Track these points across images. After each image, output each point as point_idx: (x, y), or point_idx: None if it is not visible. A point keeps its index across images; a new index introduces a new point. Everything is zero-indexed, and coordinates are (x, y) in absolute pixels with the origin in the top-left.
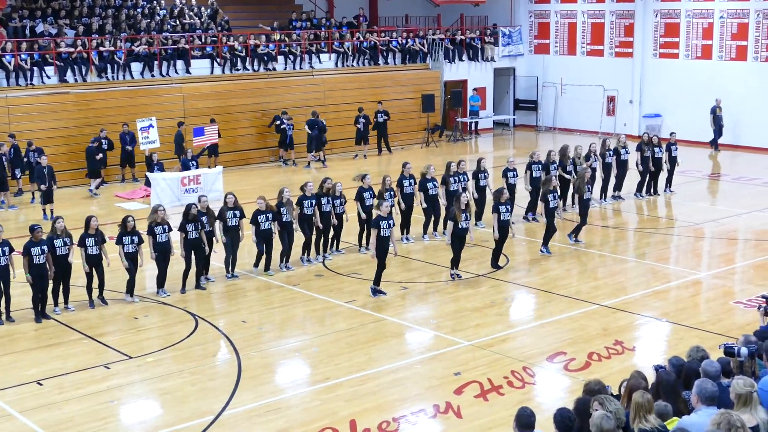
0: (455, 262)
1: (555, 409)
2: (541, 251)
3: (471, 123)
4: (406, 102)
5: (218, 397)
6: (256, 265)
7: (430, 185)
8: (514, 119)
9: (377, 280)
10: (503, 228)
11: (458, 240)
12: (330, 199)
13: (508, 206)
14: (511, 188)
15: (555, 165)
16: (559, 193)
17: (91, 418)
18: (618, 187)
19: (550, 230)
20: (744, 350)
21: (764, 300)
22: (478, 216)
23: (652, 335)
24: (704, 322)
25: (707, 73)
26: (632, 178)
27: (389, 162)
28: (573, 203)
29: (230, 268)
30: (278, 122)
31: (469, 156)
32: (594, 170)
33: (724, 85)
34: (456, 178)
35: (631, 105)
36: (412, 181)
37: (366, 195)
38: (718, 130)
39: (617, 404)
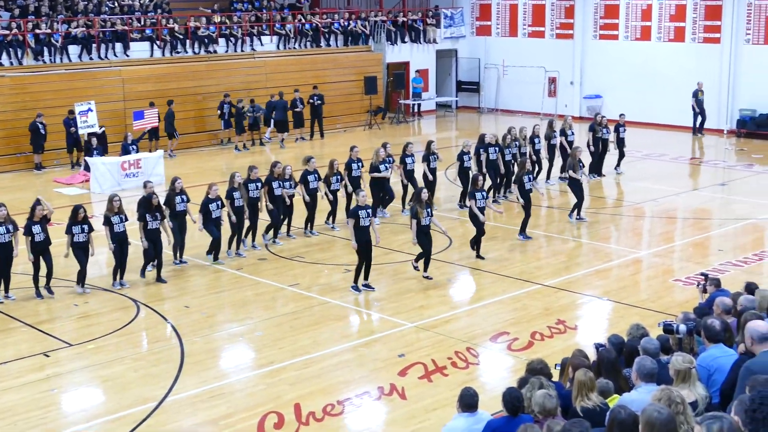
0: (422, 258)
1: (499, 389)
2: (520, 238)
3: (413, 105)
4: (349, 84)
5: (161, 383)
6: (210, 252)
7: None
8: (456, 101)
9: (357, 276)
10: (477, 216)
11: (425, 236)
12: (281, 182)
13: (484, 192)
14: (466, 171)
15: (496, 148)
16: (534, 176)
17: (32, 407)
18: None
19: (527, 215)
20: (683, 327)
21: (703, 278)
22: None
23: (593, 314)
24: (644, 300)
25: (646, 54)
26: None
27: (323, 146)
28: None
29: (178, 254)
30: (240, 108)
31: (413, 138)
32: (537, 153)
33: (663, 65)
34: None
35: (572, 86)
36: (360, 164)
37: (311, 178)
38: (701, 113)
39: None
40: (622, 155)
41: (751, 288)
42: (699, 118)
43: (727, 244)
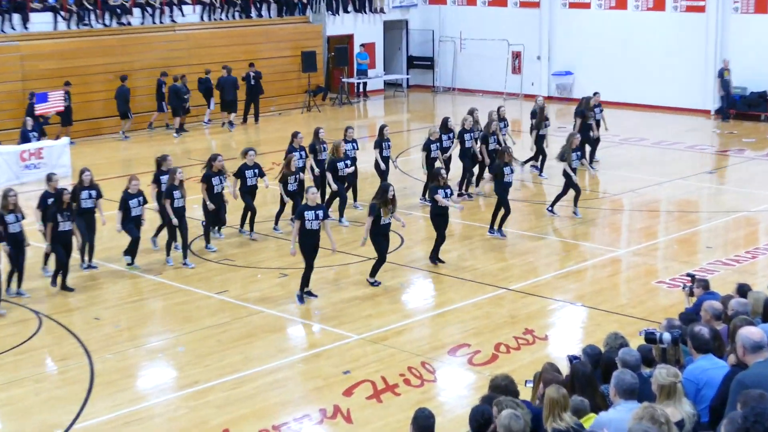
0: (379, 266)
1: (459, 410)
2: (492, 233)
3: (358, 84)
4: (284, 61)
5: (67, 407)
6: (128, 253)
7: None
8: (407, 79)
9: (305, 283)
10: (443, 216)
11: (383, 238)
12: (221, 178)
13: (447, 190)
14: (432, 162)
15: (471, 134)
16: (513, 169)
17: None
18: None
19: (506, 210)
20: (667, 336)
21: (689, 279)
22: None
23: (566, 322)
24: (623, 305)
25: (622, 25)
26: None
27: (258, 132)
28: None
29: (86, 257)
30: (180, 88)
31: (358, 122)
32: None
33: (641, 38)
34: (352, 144)
35: (539, 61)
36: (303, 153)
37: (249, 174)
38: (727, 96)
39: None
40: (597, 140)
41: (743, 290)
42: (724, 102)
43: (717, 241)
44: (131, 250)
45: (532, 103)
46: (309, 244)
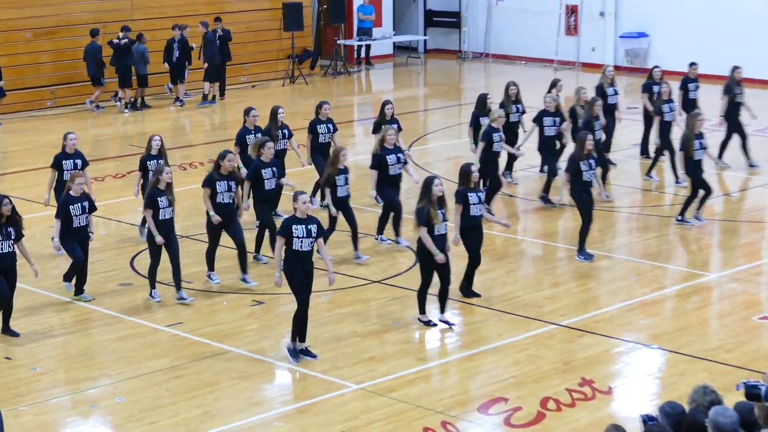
0: (423, 298)
1: None
2: (584, 257)
3: (359, 47)
4: (259, 16)
5: None
6: (68, 278)
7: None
8: (425, 41)
9: (298, 330)
10: (474, 229)
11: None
12: (230, 184)
13: (480, 194)
14: (494, 158)
15: (555, 119)
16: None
17: None
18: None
19: (587, 223)
20: None
21: None
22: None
23: (636, 370)
24: (715, 348)
25: None
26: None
27: (224, 111)
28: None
29: None
30: (138, 47)
31: (358, 98)
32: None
33: None
34: (326, 126)
35: (602, 19)
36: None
37: (266, 174)
38: None
39: None
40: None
41: None
42: None
43: None
44: (71, 274)
45: (594, 75)
46: (299, 271)
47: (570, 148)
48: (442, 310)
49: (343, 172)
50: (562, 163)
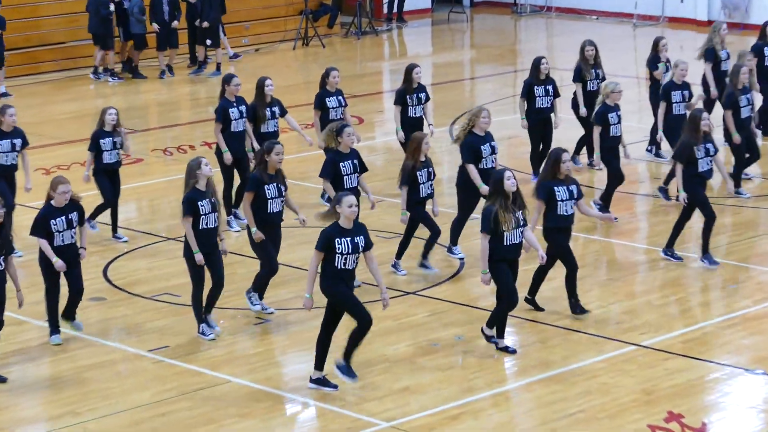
0: (498, 318)
1: None
2: (709, 262)
3: (390, 0)
4: None
5: None
6: (52, 322)
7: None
8: None
9: (322, 360)
10: (563, 231)
11: (508, 270)
12: (280, 188)
13: (571, 188)
14: (613, 146)
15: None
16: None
17: None
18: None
19: (710, 220)
20: None
21: None
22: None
23: (736, 401)
24: None
25: None
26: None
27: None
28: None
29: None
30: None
31: (391, 63)
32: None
33: None
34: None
35: None
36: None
37: (345, 167)
38: None
39: None
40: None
41: None
42: None
43: None
44: (52, 315)
45: (685, 33)
46: (342, 294)
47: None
48: (501, 334)
49: (426, 164)
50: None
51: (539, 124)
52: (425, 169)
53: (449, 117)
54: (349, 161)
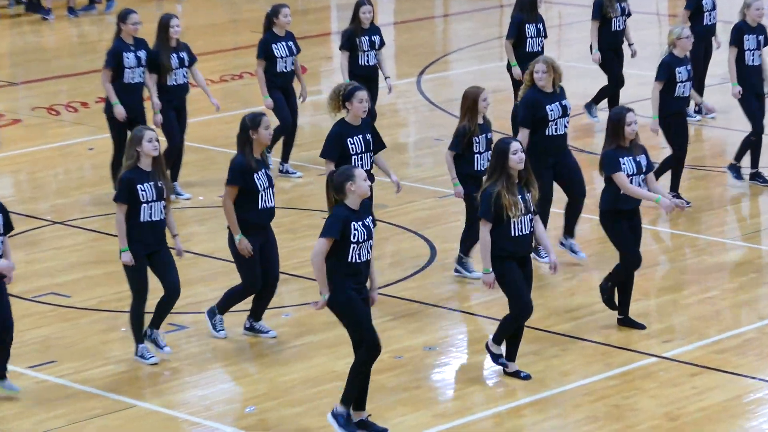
0: (506, 331)
1: None
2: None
3: None
4: None
5: None
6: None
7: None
8: None
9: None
10: (630, 215)
11: (516, 268)
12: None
13: (639, 159)
14: (678, 109)
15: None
16: None
17: None
18: None
19: None
20: None
21: None
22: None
23: None
24: None
25: None
26: None
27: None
28: None
29: None
30: None
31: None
32: None
33: None
34: None
35: None
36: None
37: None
38: None
39: None
40: None
41: None
42: None
43: None
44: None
45: None
46: (353, 306)
47: None
48: (512, 355)
49: (485, 129)
50: None
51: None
52: (484, 135)
53: (416, 66)
54: (360, 136)
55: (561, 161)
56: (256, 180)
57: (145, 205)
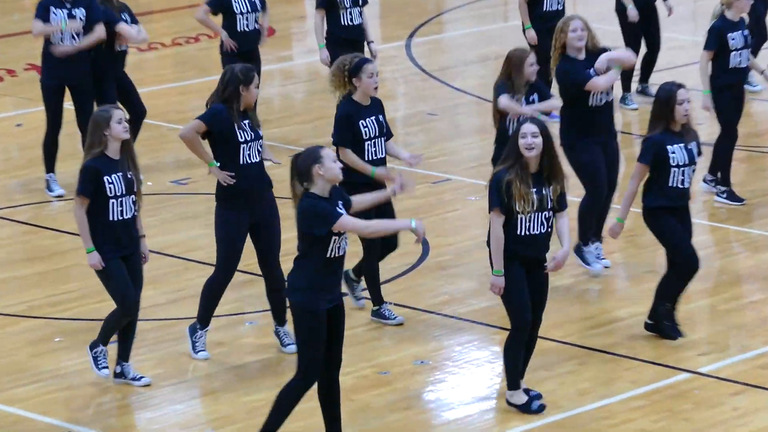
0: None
1: None
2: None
3: None
4: None
5: None
6: None
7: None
8: None
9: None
10: (676, 211)
11: (519, 278)
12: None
13: (691, 147)
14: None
15: None
16: None
17: None
18: None
19: None
20: None
21: None
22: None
23: None
24: None
25: None
26: None
27: None
28: None
29: None
30: None
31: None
32: None
33: None
34: None
35: None
36: None
37: None
38: None
39: None
40: None
41: None
42: None
43: None
44: None
45: None
46: (318, 316)
47: None
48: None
49: (535, 88)
50: None
51: (549, 35)
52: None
53: (405, 27)
54: (373, 118)
55: (607, 141)
56: (237, 130)
57: (114, 200)
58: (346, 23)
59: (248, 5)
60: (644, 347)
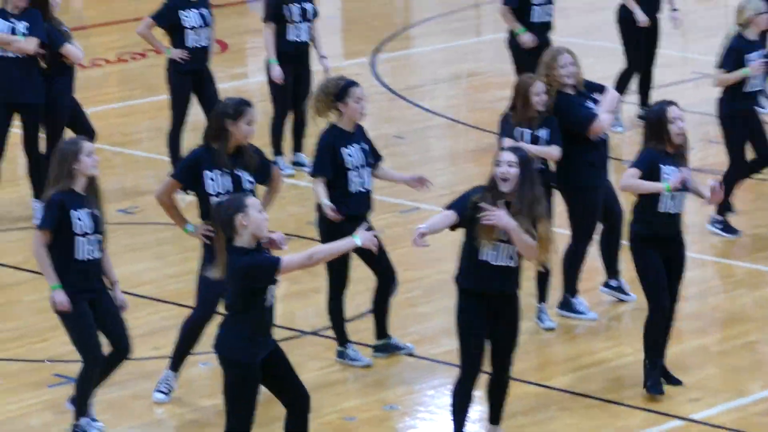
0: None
1: None
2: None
3: None
4: None
5: None
6: None
7: None
8: None
9: None
10: (666, 243)
11: (474, 315)
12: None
13: (684, 169)
14: (748, 104)
15: None
16: None
17: None
18: None
19: None
20: None
21: None
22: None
23: None
24: None
25: None
26: None
27: None
28: None
29: None
30: None
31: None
32: None
33: None
34: None
35: None
36: None
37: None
38: None
39: None
40: None
41: None
42: None
43: None
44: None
45: None
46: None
47: None
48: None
49: (548, 124)
50: None
51: (535, 48)
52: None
53: (369, 42)
54: (357, 145)
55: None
56: (208, 180)
57: (81, 238)
58: (293, 39)
59: (200, 19)
60: (632, 391)
